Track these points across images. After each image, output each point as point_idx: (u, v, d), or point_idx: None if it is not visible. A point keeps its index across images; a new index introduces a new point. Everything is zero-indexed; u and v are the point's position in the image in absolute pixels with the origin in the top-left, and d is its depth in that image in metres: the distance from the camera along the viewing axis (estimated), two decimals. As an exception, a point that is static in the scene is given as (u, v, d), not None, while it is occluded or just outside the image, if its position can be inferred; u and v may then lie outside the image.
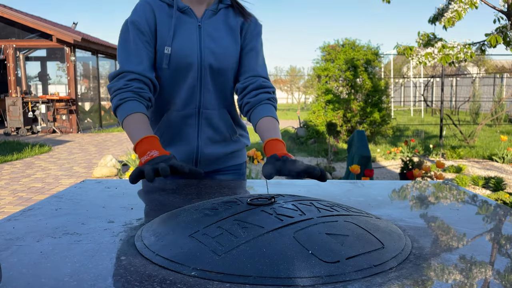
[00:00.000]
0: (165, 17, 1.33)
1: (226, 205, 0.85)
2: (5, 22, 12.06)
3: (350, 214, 0.84)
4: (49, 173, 6.43)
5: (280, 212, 0.79)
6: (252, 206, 0.83)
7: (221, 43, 1.36)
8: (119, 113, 1.24)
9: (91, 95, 14.12)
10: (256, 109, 1.35)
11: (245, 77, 1.39)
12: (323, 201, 0.91)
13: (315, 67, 11.13)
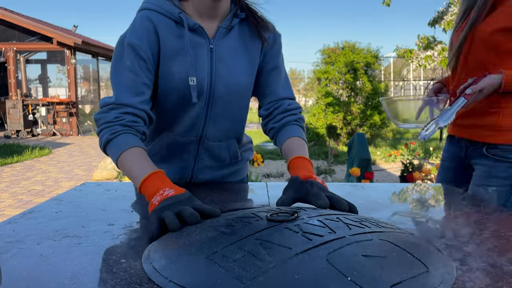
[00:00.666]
0: (172, 37, 1.12)
1: (243, 221, 0.74)
2: (6, 25, 12.08)
3: (383, 231, 0.74)
4: (49, 175, 6.43)
5: (306, 230, 0.69)
6: (274, 222, 0.72)
7: (235, 69, 1.18)
8: (111, 149, 1.03)
9: (91, 97, 14.13)
10: (282, 132, 1.21)
11: (268, 102, 1.24)
12: (350, 216, 0.80)
13: (315, 70, 11.14)
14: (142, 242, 0.81)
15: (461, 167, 1.60)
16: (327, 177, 5.94)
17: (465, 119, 1.52)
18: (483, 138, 1.48)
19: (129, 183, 1.36)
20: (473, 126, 1.50)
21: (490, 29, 1.40)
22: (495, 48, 1.41)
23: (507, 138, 1.43)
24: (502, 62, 1.41)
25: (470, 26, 1.46)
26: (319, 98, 10.74)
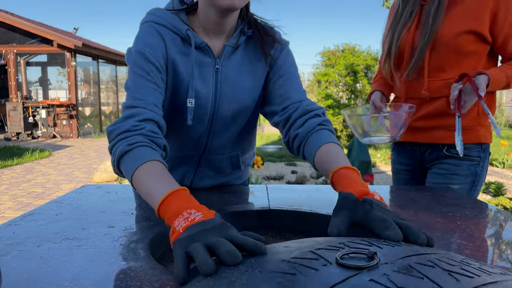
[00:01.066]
0: (178, 54, 1.08)
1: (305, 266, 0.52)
2: (6, 27, 12.10)
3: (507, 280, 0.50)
4: (49, 178, 6.43)
5: (402, 285, 0.46)
6: (349, 269, 0.50)
7: (240, 89, 1.14)
8: (127, 162, 0.88)
9: (91, 100, 14.14)
10: (309, 140, 1.04)
11: (283, 108, 1.13)
12: (440, 254, 0.56)
13: (315, 72, 11.15)
14: (143, 244, 0.81)
15: (417, 175, 1.61)
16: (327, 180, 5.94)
17: (420, 123, 1.51)
18: (443, 139, 1.48)
19: (129, 186, 1.36)
20: (431, 128, 1.50)
21: (455, 31, 1.38)
22: (457, 50, 1.41)
23: (468, 137, 1.45)
24: (460, 64, 1.42)
25: (434, 28, 1.41)
26: (319, 100, 10.75)
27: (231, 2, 0.99)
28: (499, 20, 1.37)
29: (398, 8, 1.55)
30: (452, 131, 1.44)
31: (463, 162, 1.47)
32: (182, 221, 0.68)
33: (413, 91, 1.52)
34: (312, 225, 1.05)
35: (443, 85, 1.45)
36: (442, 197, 1.26)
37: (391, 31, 1.55)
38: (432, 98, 1.48)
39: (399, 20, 1.53)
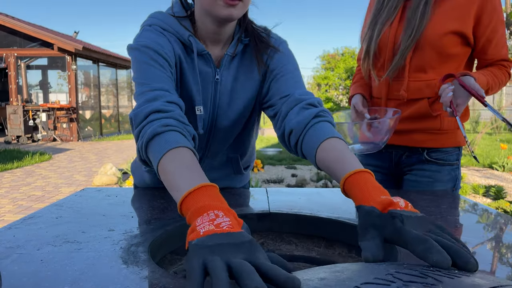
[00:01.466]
0: (183, 58, 1.06)
1: None
2: (7, 31, 12.13)
3: None
4: (49, 181, 6.42)
5: None
6: None
7: (237, 100, 1.13)
8: (157, 145, 0.81)
9: (91, 103, 14.15)
10: (307, 136, 0.94)
11: (274, 102, 1.08)
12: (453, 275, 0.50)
13: (315, 75, 11.19)
14: (143, 247, 0.81)
15: (390, 178, 1.56)
16: (328, 183, 5.94)
17: (401, 123, 1.44)
18: (423, 143, 1.44)
19: (129, 189, 1.36)
20: (410, 131, 1.45)
21: (440, 31, 1.34)
22: (440, 51, 1.36)
23: (448, 141, 1.44)
24: (442, 66, 1.39)
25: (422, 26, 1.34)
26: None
27: (229, 13, 0.96)
28: (483, 23, 1.34)
29: (380, 2, 1.47)
30: (433, 134, 1.42)
31: (443, 167, 1.44)
32: (207, 222, 0.58)
33: (393, 91, 1.46)
34: (312, 228, 1.05)
35: (423, 86, 1.40)
36: (440, 200, 1.26)
37: (371, 27, 1.47)
38: (411, 100, 1.43)
39: (380, 15, 1.45)
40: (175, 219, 1.01)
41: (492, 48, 1.38)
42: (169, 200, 1.20)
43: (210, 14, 1.00)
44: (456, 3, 1.35)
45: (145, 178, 1.35)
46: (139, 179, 1.38)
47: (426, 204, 1.21)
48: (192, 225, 0.60)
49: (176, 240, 0.95)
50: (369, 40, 1.45)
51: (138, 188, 1.37)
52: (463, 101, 1.28)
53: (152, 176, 1.32)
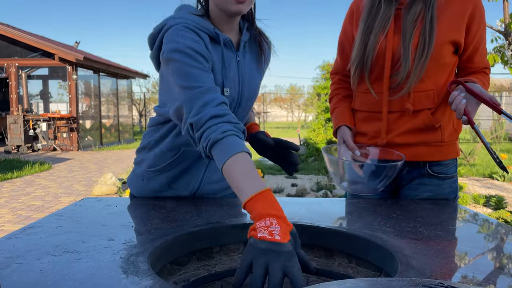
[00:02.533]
0: (210, 48, 1.17)
1: None
2: (8, 41, 12.19)
3: None
4: (48, 191, 6.41)
5: None
6: None
7: (253, 78, 1.29)
8: (220, 150, 0.97)
9: (92, 113, 14.17)
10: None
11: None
12: None
13: (315, 85, 11.21)
14: (143, 257, 0.81)
15: (386, 194, 1.50)
16: (328, 193, 5.93)
17: (400, 139, 1.39)
18: (424, 156, 1.40)
19: (129, 199, 1.36)
20: (412, 144, 1.39)
21: (440, 41, 1.32)
22: (438, 60, 1.34)
23: (449, 153, 1.42)
24: (437, 75, 1.37)
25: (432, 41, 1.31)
26: (319, 113, 10.78)
27: (238, 8, 1.15)
28: (471, 31, 1.34)
29: (370, 10, 1.40)
30: (434, 146, 1.39)
31: (444, 181, 1.42)
32: (263, 227, 0.79)
33: (393, 104, 1.39)
34: (312, 238, 1.04)
35: (423, 96, 1.37)
36: (441, 210, 1.26)
37: (364, 36, 1.39)
38: (413, 112, 1.38)
39: (372, 24, 1.39)
40: (175, 229, 1.01)
41: (478, 56, 1.39)
42: (169, 210, 1.20)
43: (222, 10, 1.18)
44: (453, 12, 1.34)
45: (142, 188, 1.36)
46: (137, 189, 1.39)
47: (426, 214, 1.21)
48: (254, 224, 0.81)
49: (176, 250, 0.95)
50: (363, 51, 1.39)
51: (137, 198, 1.37)
52: (473, 109, 1.25)
53: (150, 185, 1.34)
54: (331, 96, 1.63)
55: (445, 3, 1.35)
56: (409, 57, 1.32)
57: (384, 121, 1.41)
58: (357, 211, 1.22)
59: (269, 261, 0.73)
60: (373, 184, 1.29)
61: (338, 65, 1.58)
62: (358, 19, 1.46)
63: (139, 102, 24.39)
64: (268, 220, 0.80)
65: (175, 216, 1.13)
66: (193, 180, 1.33)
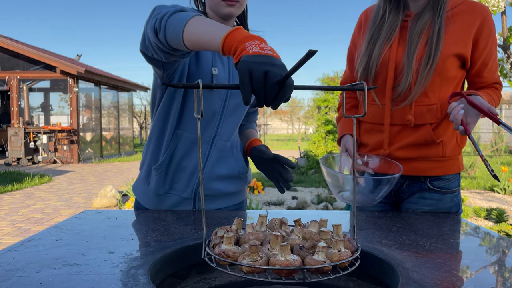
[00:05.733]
0: None
1: None
2: (10, 54, 12.27)
3: None
4: (48, 203, 6.39)
5: None
6: None
7: None
8: (177, 17, 1.00)
9: (92, 125, 14.20)
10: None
11: None
12: None
13: (315, 98, 11.25)
14: (143, 270, 0.81)
15: (390, 207, 1.50)
16: (329, 206, 5.91)
17: (401, 153, 1.39)
18: (424, 171, 1.40)
19: (129, 211, 1.35)
20: (413, 159, 1.39)
21: (444, 54, 1.32)
22: (442, 74, 1.34)
23: (450, 168, 1.41)
24: (441, 89, 1.36)
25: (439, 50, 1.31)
26: (319, 126, 10.80)
27: (229, 11, 1.26)
28: (480, 46, 1.34)
29: (378, 21, 1.42)
30: (435, 161, 1.39)
31: (446, 195, 1.41)
32: (254, 45, 0.79)
33: (396, 116, 1.39)
34: (313, 251, 1.04)
35: (425, 110, 1.36)
36: (442, 223, 1.26)
37: (369, 46, 1.40)
38: (415, 125, 1.37)
39: (378, 35, 1.40)
40: (175, 242, 1.00)
41: (487, 72, 1.37)
42: (169, 222, 1.20)
43: (215, 12, 1.28)
44: (459, 25, 1.34)
45: (148, 192, 1.38)
46: (142, 195, 1.40)
47: (427, 227, 1.21)
48: (241, 47, 0.81)
49: (176, 263, 0.95)
50: (367, 61, 1.39)
51: (138, 211, 1.37)
52: (473, 120, 1.23)
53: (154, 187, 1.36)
54: (339, 105, 1.65)
55: (453, 16, 1.35)
56: (412, 69, 1.32)
57: (386, 133, 1.41)
58: (358, 224, 1.21)
59: (267, 68, 0.74)
60: (370, 196, 1.29)
61: (347, 75, 1.59)
62: (366, 29, 1.46)
63: (139, 115, 24.46)
64: (256, 40, 0.81)
65: (175, 229, 1.13)
66: (193, 178, 1.34)
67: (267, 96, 0.75)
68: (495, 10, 4.97)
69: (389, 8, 1.40)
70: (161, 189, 1.36)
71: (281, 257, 0.71)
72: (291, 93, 0.76)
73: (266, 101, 0.76)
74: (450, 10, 1.35)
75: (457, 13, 1.35)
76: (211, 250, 0.78)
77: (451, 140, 1.40)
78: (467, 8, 1.36)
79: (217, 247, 0.77)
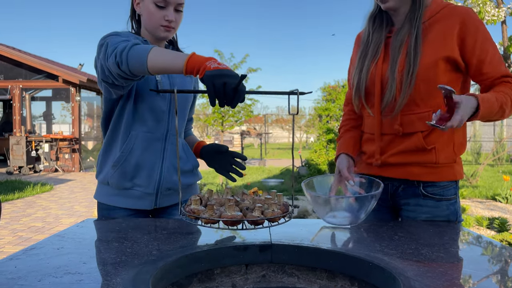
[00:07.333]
0: None
1: None
2: (13, 63, 12.34)
3: None
4: (49, 212, 6.39)
5: None
6: None
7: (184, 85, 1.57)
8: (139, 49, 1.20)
9: (94, 134, 14.23)
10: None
11: None
12: None
13: (316, 107, 11.28)
14: (145, 279, 0.81)
15: (388, 210, 1.52)
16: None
17: (394, 159, 1.42)
18: (419, 176, 1.41)
19: (130, 219, 1.36)
20: (406, 164, 1.41)
21: (429, 62, 1.33)
22: (430, 81, 1.34)
23: (444, 175, 1.41)
24: (432, 96, 1.36)
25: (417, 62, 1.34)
26: (321, 134, 10.81)
27: (166, 35, 1.48)
28: (467, 45, 1.33)
29: (365, 40, 1.50)
30: (428, 167, 1.39)
31: (441, 203, 1.41)
32: (213, 62, 1.07)
33: (387, 126, 1.44)
34: (314, 260, 1.04)
35: (415, 119, 1.38)
36: (443, 232, 1.26)
37: (359, 65, 1.49)
38: (405, 134, 1.40)
39: (366, 53, 1.48)
40: (176, 250, 1.00)
41: (487, 67, 1.34)
42: (170, 231, 1.20)
43: (152, 34, 1.49)
44: (439, 31, 1.36)
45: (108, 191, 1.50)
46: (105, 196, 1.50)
47: (428, 235, 1.20)
48: (203, 66, 1.07)
49: (177, 272, 0.95)
50: (358, 78, 1.48)
51: (139, 219, 1.38)
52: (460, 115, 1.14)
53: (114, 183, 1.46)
54: (340, 126, 1.69)
55: (432, 24, 1.38)
56: (395, 81, 1.38)
57: (377, 142, 1.47)
58: (359, 233, 1.21)
59: (225, 80, 1.01)
60: (355, 215, 1.29)
61: (349, 95, 1.63)
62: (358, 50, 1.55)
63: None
64: (212, 60, 1.09)
65: (176, 237, 1.13)
66: (153, 173, 1.47)
67: (227, 99, 1.02)
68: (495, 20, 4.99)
69: (373, 27, 1.50)
70: (122, 182, 1.46)
71: (228, 212, 1.01)
72: (244, 95, 1.04)
73: (227, 103, 1.03)
74: (429, 19, 1.39)
75: (437, 20, 1.38)
76: (184, 209, 1.07)
77: (446, 147, 1.40)
78: (447, 13, 1.38)
79: (187, 207, 1.07)
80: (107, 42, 1.30)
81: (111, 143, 1.49)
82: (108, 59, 1.25)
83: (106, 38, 1.36)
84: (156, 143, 1.48)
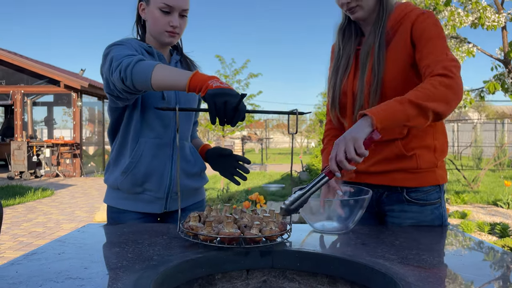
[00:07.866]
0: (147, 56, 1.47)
1: None
2: (15, 68, 12.38)
3: None
4: (50, 217, 6.39)
5: None
6: None
7: None
8: (145, 64, 1.23)
9: (95, 139, 14.25)
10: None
11: None
12: None
13: (317, 112, 11.29)
14: (146, 284, 0.81)
15: (374, 216, 1.51)
16: (331, 220, 5.87)
17: (376, 167, 1.42)
18: (401, 182, 1.41)
19: (132, 224, 1.36)
20: (389, 171, 1.41)
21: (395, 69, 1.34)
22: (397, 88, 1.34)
23: (427, 180, 1.41)
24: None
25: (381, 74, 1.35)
26: (321, 139, 10.82)
27: (170, 41, 1.50)
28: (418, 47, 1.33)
29: (336, 53, 1.51)
30: (410, 173, 1.39)
31: (425, 208, 1.41)
32: (215, 81, 1.10)
33: None
34: (315, 265, 1.04)
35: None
36: (445, 237, 1.26)
37: (333, 78, 1.51)
38: (384, 141, 1.39)
39: (338, 66, 1.50)
40: (177, 255, 1.00)
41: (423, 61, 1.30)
42: (171, 236, 1.20)
43: (157, 40, 1.51)
44: (398, 38, 1.37)
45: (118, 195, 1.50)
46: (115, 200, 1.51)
47: (429, 241, 1.20)
48: (205, 85, 1.11)
49: (178, 277, 0.95)
50: (332, 91, 1.50)
51: (139, 225, 1.38)
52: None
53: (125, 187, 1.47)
54: (323, 136, 1.69)
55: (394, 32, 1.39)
56: (363, 93, 1.40)
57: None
58: (360, 238, 1.21)
59: (226, 99, 1.05)
60: (344, 222, 1.29)
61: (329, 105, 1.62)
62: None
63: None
64: (215, 78, 1.12)
65: (177, 242, 1.13)
66: (163, 177, 1.48)
67: (227, 117, 1.06)
68: (496, 26, 5.01)
69: (343, 40, 1.51)
70: (132, 187, 1.47)
71: (226, 230, 1.03)
72: (244, 114, 1.08)
73: (227, 121, 1.07)
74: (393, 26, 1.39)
75: (399, 26, 1.39)
76: (183, 226, 1.11)
77: (426, 153, 1.40)
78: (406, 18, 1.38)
79: (186, 224, 1.11)
80: (112, 55, 1.32)
81: (121, 150, 1.50)
82: (113, 74, 1.28)
83: (111, 47, 1.38)
84: (165, 149, 1.49)
